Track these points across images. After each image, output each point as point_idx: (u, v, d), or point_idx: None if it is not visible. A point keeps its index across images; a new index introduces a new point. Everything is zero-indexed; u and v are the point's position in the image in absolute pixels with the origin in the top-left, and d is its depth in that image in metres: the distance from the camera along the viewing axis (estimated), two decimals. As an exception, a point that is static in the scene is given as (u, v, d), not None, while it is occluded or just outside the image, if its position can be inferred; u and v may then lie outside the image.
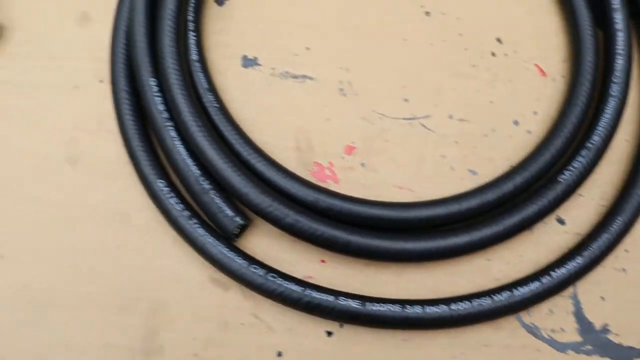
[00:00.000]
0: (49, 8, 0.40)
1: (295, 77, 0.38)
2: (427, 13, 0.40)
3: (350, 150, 0.37)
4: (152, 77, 0.35)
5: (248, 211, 0.34)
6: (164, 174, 0.35)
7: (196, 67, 0.37)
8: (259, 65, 0.39)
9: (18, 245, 0.34)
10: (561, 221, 0.36)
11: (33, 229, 0.35)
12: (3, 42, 0.39)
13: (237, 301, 0.33)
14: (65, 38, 0.39)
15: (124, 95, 0.37)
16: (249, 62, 0.39)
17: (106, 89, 0.38)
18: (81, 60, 0.39)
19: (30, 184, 0.36)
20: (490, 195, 0.34)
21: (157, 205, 0.35)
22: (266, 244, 0.34)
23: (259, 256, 0.33)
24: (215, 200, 0.34)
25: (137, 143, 0.36)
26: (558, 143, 0.36)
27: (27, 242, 0.34)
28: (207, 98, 0.36)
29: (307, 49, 0.39)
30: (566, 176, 0.35)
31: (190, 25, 0.38)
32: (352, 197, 0.35)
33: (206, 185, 0.34)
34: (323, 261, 0.34)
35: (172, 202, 0.34)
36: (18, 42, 0.39)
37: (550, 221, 0.36)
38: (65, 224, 0.35)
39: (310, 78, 0.38)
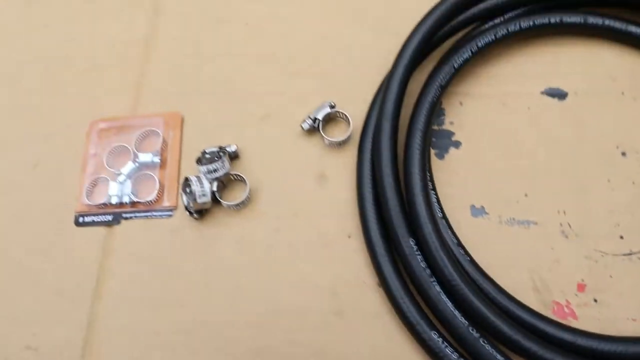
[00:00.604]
0: (290, 170, 0.46)
1: (520, 223, 0.44)
2: (623, 154, 0.46)
3: (581, 288, 0.42)
4: (411, 238, 0.41)
5: (513, 355, 0.38)
6: (432, 324, 0.40)
7: (442, 224, 0.43)
8: (487, 214, 0.44)
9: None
10: None
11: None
12: (253, 203, 0.45)
13: None
14: (308, 198, 0.45)
15: (381, 252, 0.42)
16: (477, 212, 0.45)
17: (355, 243, 0.44)
18: (327, 217, 0.45)
19: (300, 333, 0.41)
20: None
21: (430, 353, 0.40)
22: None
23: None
24: (487, 347, 0.39)
25: (401, 296, 0.41)
26: None
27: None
28: (458, 252, 0.42)
29: (526, 195, 0.45)
30: None
31: (429, 184, 0.44)
32: (607, 336, 0.39)
33: (475, 333, 0.39)
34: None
35: (448, 352, 0.39)
36: (266, 202, 0.46)
37: None
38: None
39: (534, 223, 0.44)
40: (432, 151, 0.46)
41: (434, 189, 0.44)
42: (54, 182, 0.49)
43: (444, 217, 0.43)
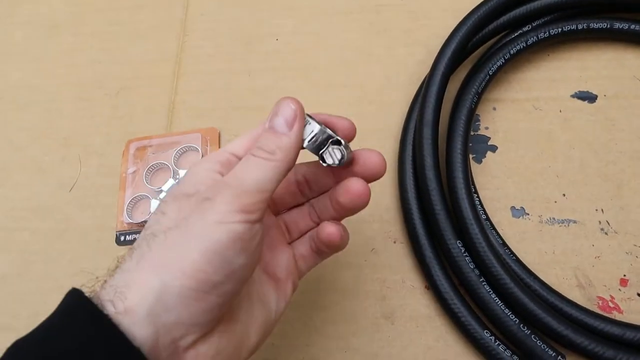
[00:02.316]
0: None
1: (560, 222, 0.47)
2: (656, 150, 0.50)
3: (624, 282, 0.45)
4: (458, 240, 0.44)
5: (564, 349, 0.41)
6: (483, 324, 0.43)
7: (487, 225, 0.46)
8: (527, 214, 0.48)
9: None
10: None
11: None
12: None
13: None
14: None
15: (429, 255, 0.45)
16: (518, 213, 0.48)
17: (399, 248, 0.47)
18: (371, 224, 0.48)
19: (352, 339, 0.44)
20: None
21: (483, 352, 0.42)
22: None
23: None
24: (538, 343, 0.42)
25: (451, 297, 0.44)
26: None
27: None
28: (504, 251, 0.45)
29: (563, 195, 0.48)
30: None
31: (472, 188, 0.47)
32: (655, 329, 0.42)
33: (526, 330, 0.42)
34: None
35: (501, 349, 0.42)
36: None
37: None
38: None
39: (574, 221, 0.47)
40: (470, 156, 0.49)
41: (476, 192, 0.47)
42: (92, 203, 0.51)
43: (488, 218, 0.46)
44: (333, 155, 0.32)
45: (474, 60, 0.51)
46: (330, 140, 0.32)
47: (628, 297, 0.44)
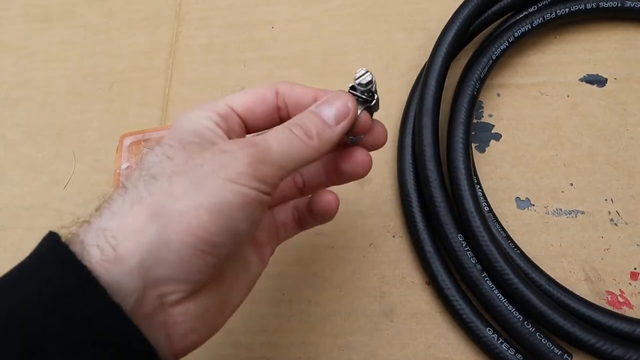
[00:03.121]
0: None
1: (567, 213, 0.46)
2: (665, 137, 0.48)
3: (635, 276, 0.44)
4: (460, 234, 0.43)
5: (571, 347, 0.40)
6: (485, 321, 0.42)
7: (490, 217, 0.44)
8: (533, 205, 0.46)
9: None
10: None
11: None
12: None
13: None
14: (349, 198, 0.47)
15: (429, 250, 0.44)
16: (523, 204, 0.46)
17: (399, 242, 0.45)
18: (369, 217, 0.46)
19: (350, 337, 0.43)
20: None
21: (485, 350, 0.41)
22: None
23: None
24: (543, 341, 0.40)
25: (453, 294, 0.42)
26: None
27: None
28: (508, 245, 0.43)
29: (571, 184, 0.46)
30: None
31: (475, 179, 0.45)
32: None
33: (531, 327, 0.41)
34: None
35: (504, 348, 0.41)
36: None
37: None
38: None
39: (582, 212, 0.45)
40: (473, 145, 0.47)
41: (479, 182, 0.45)
42: (86, 199, 0.51)
43: (491, 210, 0.44)
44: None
45: (477, 44, 0.50)
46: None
47: (639, 291, 0.42)
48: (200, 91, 0.54)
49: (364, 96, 0.31)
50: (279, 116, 0.32)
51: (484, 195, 0.45)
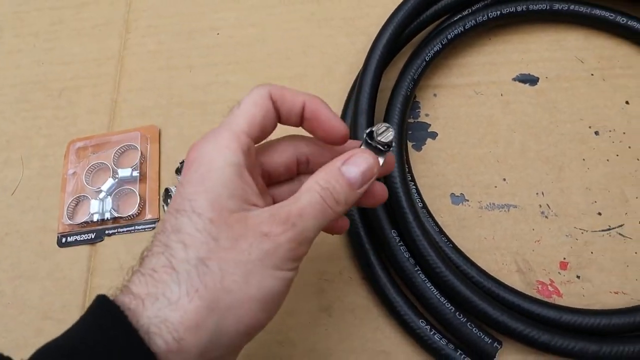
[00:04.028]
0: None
1: (500, 207, 0.48)
2: (596, 133, 0.50)
3: (564, 266, 0.46)
4: (393, 229, 0.44)
5: (501, 336, 0.41)
6: (419, 313, 0.43)
7: (424, 213, 0.46)
8: (467, 200, 0.48)
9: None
10: None
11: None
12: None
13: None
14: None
15: (365, 246, 0.45)
16: (457, 199, 0.48)
17: (337, 239, 0.47)
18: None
19: (289, 333, 0.44)
20: None
21: (419, 341, 0.43)
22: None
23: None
24: (474, 330, 0.42)
25: (387, 287, 0.44)
26: None
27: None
28: (440, 239, 0.45)
29: (504, 180, 0.48)
30: None
31: (409, 176, 0.47)
32: (591, 310, 0.43)
33: (462, 318, 0.42)
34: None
35: (436, 339, 0.42)
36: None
37: None
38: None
39: (514, 206, 0.47)
40: (410, 143, 0.49)
41: (413, 180, 0.47)
42: (34, 205, 0.51)
43: (425, 206, 0.46)
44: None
45: (414, 46, 0.51)
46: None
47: (568, 280, 0.44)
48: (147, 98, 0.55)
49: (379, 146, 0.32)
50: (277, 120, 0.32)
51: (418, 192, 0.46)
